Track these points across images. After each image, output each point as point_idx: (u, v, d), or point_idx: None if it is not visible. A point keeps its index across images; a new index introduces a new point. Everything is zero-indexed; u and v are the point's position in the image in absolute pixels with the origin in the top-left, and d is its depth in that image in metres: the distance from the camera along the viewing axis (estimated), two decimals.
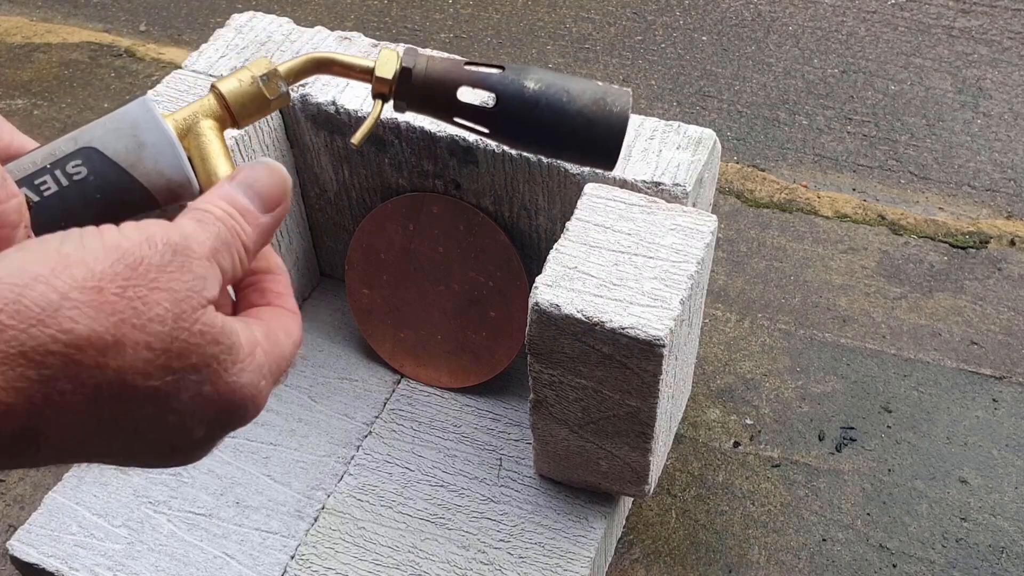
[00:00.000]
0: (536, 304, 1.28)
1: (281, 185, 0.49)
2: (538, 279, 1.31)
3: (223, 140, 0.53)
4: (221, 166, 0.52)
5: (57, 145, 0.48)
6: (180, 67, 1.64)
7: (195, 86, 1.59)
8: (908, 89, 2.55)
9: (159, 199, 0.50)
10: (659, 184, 1.39)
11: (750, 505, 1.76)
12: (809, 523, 1.73)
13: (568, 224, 1.37)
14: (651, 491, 1.50)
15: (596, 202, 1.39)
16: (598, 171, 1.41)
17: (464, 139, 1.47)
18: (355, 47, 1.64)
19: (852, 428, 1.86)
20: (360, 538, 1.53)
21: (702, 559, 1.69)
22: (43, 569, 1.52)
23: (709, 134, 1.45)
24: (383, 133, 1.54)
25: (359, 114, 1.52)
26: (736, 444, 1.85)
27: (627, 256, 1.32)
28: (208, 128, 0.53)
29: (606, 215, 1.37)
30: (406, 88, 0.60)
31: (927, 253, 2.16)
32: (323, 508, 1.57)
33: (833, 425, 1.86)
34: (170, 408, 0.42)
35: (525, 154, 1.44)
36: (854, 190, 2.31)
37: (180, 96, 1.58)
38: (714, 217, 1.37)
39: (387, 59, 0.60)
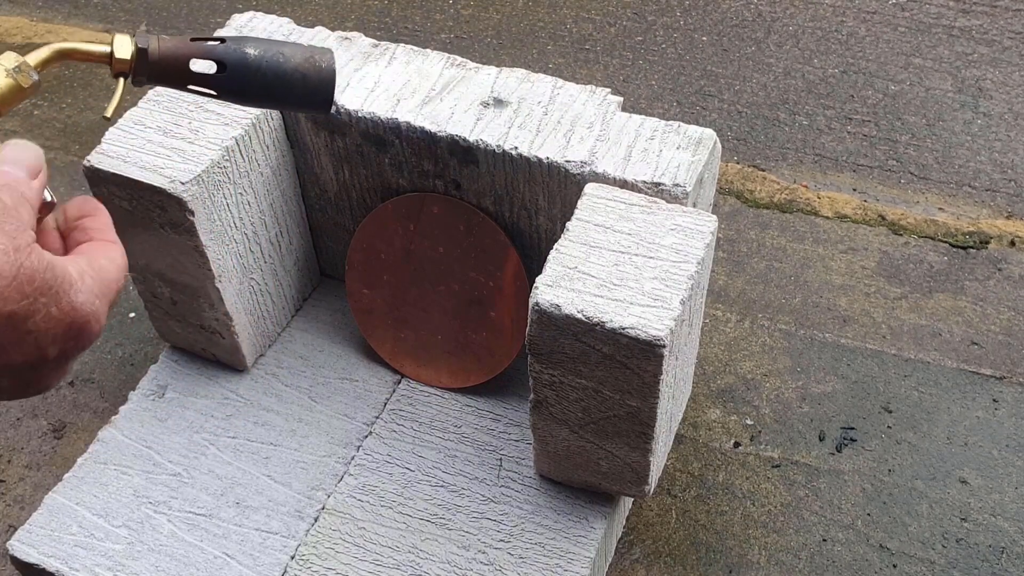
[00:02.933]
0: (536, 304, 1.28)
1: (39, 158, 0.60)
2: (538, 279, 1.31)
3: None
4: None
5: None
6: None
7: None
8: (908, 89, 2.55)
9: None
10: (659, 184, 1.39)
11: (750, 505, 1.76)
12: (809, 523, 1.73)
13: (568, 224, 1.37)
14: (651, 491, 1.50)
15: (596, 202, 1.39)
16: (598, 171, 1.42)
17: (464, 139, 1.48)
18: (355, 47, 1.64)
19: (852, 428, 1.86)
20: (360, 538, 1.53)
21: (702, 559, 1.69)
22: (43, 569, 1.52)
23: (709, 134, 1.45)
24: (383, 133, 1.54)
25: (359, 114, 1.52)
26: (736, 444, 1.85)
27: (627, 256, 1.32)
28: None
29: (606, 215, 1.37)
30: (144, 66, 0.68)
31: (927, 253, 2.16)
32: (323, 508, 1.57)
33: (833, 425, 1.86)
34: (26, 329, 0.51)
35: (525, 155, 1.44)
36: (854, 190, 2.31)
37: (179, 96, 1.58)
38: (714, 217, 1.37)
39: (122, 43, 0.68)
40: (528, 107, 1.51)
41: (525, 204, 1.52)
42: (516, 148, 1.45)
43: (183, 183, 1.46)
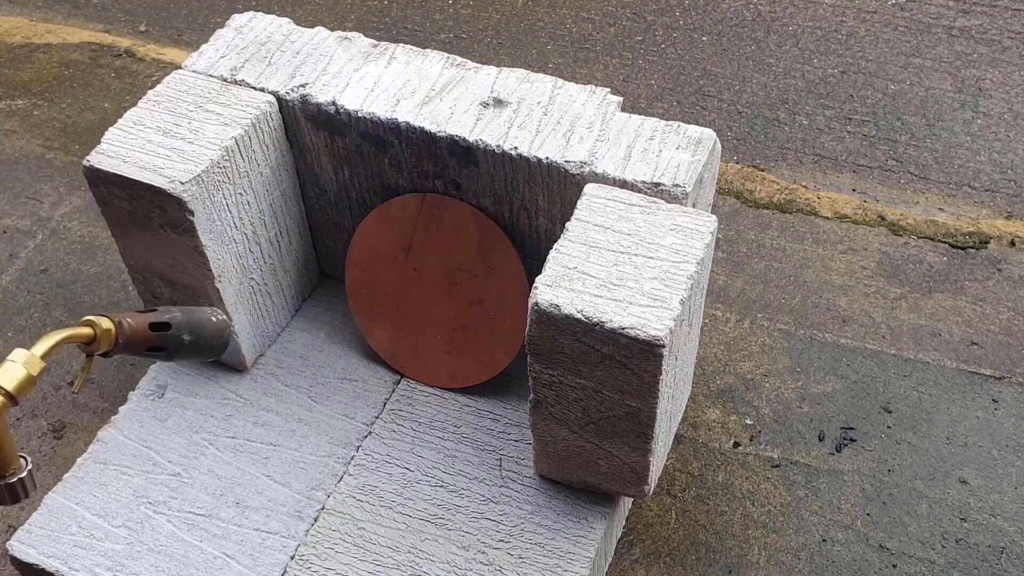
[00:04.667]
0: (536, 304, 1.28)
1: None
2: (538, 279, 1.31)
3: (5, 423, 0.78)
4: (8, 447, 0.78)
5: None
6: (180, 67, 1.64)
7: (195, 86, 1.59)
8: (908, 89, 2.55)
9: None
10: (659, 184, 1.39)
11: (750, 505, 1.76)
12: (809, 523, 1.73)
13: (568, 224, 1.37)
14: (651, 491, 1.50)
15: (596, 202, 1.39)
16: (597, 171, 1.42)
17: (464, 139, 1.48)
18: (355, 47, 1.64)
19: (852, 428, 1.86)
20: (360, 538, 1.53)
21: (702, 559, 1.69)
22: (43, 569, 1.52)
23: (709, 134, 1.45)
24: (383, 133, 1.54)
25: (359, 114, 1.52)
26: (736, 444, 1.85)
27: (627, 256, 1.32)
28: (2, 420, 0.78)
29: (606, 215, 1.37)
30: (113, 349, 0.87)
31: (927, 253, 2.16)
32: (323, 508, 1.57)
33: (833, 425, 1.86)
34: None
35: (525, 155, 1.45)
36: (854, 190, 2.31)
37: (179, 96, 1.58)
38: (714, 217, 1.37)
39: (104, 333, 0.88)
40: (528, 107, 1.51)
41: (525, 204, 1.52)
42: (516, 148, 1.45)
43: (183, 183, 1.46)
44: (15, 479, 0.78)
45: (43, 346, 0.79)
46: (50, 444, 1.91)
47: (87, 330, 0.84)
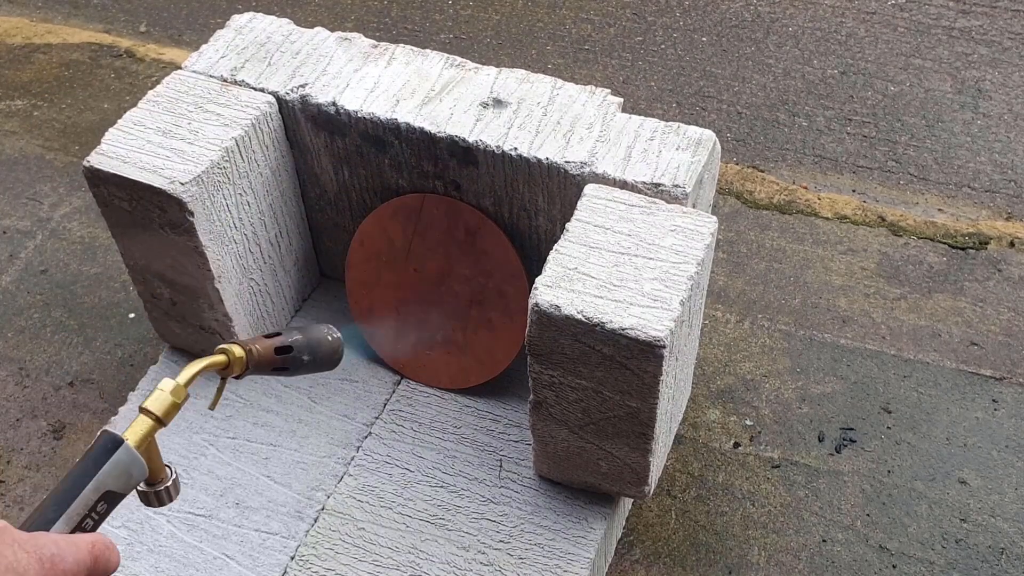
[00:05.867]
0: (536, 305, 1.28)
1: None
2: (538, 280, 1.31)
3: (155, 441, 0.88)
4: (157, 460, 0.90)
5: (86, 496, 0.81)
6: (180, 68, 1.64)
7: (195, 87, 1.59)
8: (908, 90, 2.55)
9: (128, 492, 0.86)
10: (659, 185, 1.39)
11: (750, 506, 1.76)
12: (809, 524, 1.73)
13: (568, 225, 1.37)
14: (651, 492, 1.50)
15: (596, 203, 1.39)
16: (597, 172, 1.42)
17: (464, 140, 1.48)
18: (355, 48, 1.64)
19: (852, 429, 1.86)
20: (360, 539, 1.53)
21: (702, 560, 1.69)
22: None
23: (709, 135, 1.45)
24: (383, 134, 1.54)
25: (359, 115, 1.53)
26: (736, 445, 1.85)
27: (627, 257, 1.32)
28: (153, 440, 0.87)
29: (606, 216, 1.37)
30: (244, 373, 0.96)
31: (927, 254, 2.16)
32: (323, 509, 1.57)
33: (833, 426, 1.86)
34: None
35: (525, 155, 1.45)
36: (854, 191, 2.31)
37: (179, 97, 1.58)
38: (714, 218, 1.37)
39: (236, 360, 0.95)
40: (528, 108, 1.51)
41: (525, 205, 1.52)
42: (516, 149, 1.45)
43: (183, 184, 1.46)
44: (163, 487, 0.96)
45: (186, 375, 0.91)
46: (50, 444, 1.91)
47: (222, 358, 0.95)
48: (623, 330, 1.24)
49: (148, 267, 1.63)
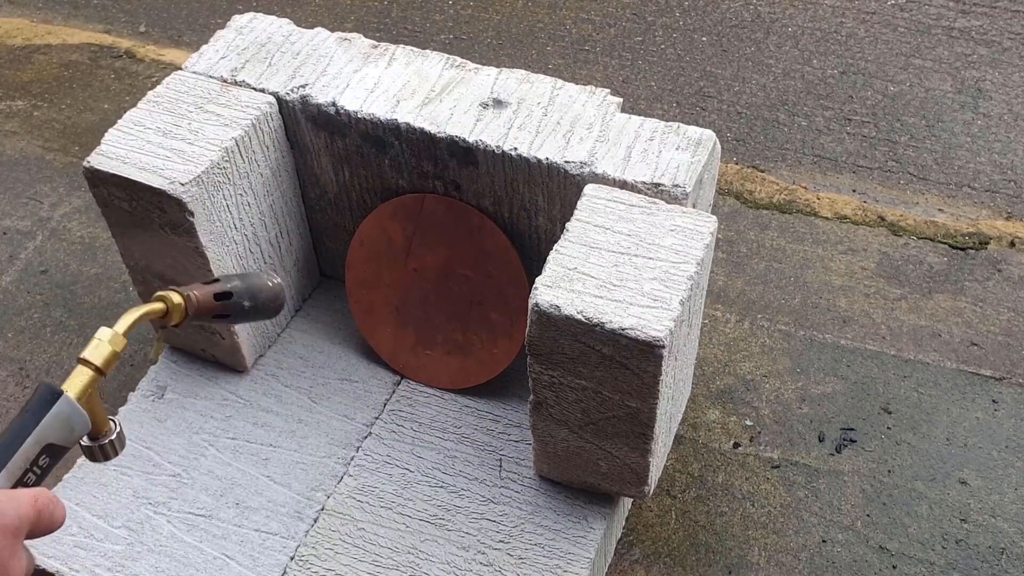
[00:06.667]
0: (536, 305, 1.28)
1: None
2: (538, 280, 1.31)
3: (97, 393, 0.84)
4: (100, 413, 0.86)
5: (27, 450, 0.76)
6: (180, 68, 1.64)
7: (195, 87, 1.59)
8: (908, 90, 2.55)
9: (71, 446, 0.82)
10: (659, 185, 1.39)
11: (750, 506, 1.76)
12: (809, 524, 1.73)
13: (568, 225, 1.37)
14: (651, 492, 1.50)
15: (596, 203, 1.39)
16: (597, 172, 1.42)
17: (464, 140, 1.48)
18: (355, 48, 1.64)
19: (852, 429, 1.86)
20: (360, 539, 1.53)
21: (702, 560, 1.69)
22: (43, 569, 1.52)
23: (709, 135, 1.45)
24: (383, 134, 1.54)
25: (359, 115, 1.53)
26: (736, 445, 1.85)
27: (627, 257, 1.32)
28: (94, 391, 0.84)
29: (606, 216, 1.37)
30: (183, 321, 0.96)
31: (927, 254, 2.16)
32: (323, 509, 1.57)
33: (833, 426, 1.86)
34: None
35: (525, 155, 1.45)
36: (854, 191, 2.31)
37: (179, 97, 1.58)
38: (714, 218, 1.37)
39: (175, 307, 0.95)
40: (528, 108, 1.51)
41: (525, 205, 1.52)
42: (516, 149, 1.45)
43: (183, 184, 1.46)
44: (107, 440, 0.92)
45: (124, 323, 0.88)
46: None
47: (160, 305, 0.92)
48: (623, 330, 1.24)
49: (148, 267, 1.63)
